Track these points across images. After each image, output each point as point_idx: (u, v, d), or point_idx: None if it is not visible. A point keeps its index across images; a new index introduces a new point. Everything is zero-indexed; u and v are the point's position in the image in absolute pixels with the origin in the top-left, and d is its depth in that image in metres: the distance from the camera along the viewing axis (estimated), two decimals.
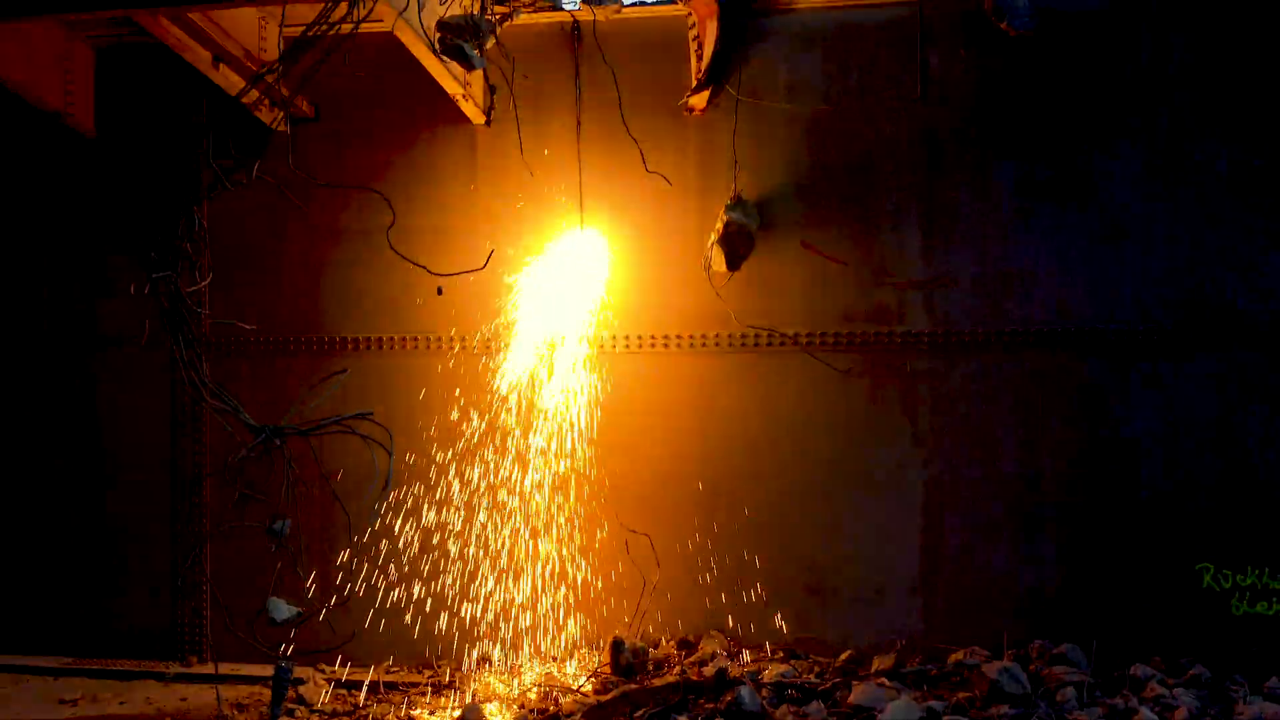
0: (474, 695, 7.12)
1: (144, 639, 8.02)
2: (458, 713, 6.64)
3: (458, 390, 7.65)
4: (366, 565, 7.42)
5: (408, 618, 7.60)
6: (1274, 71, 7.12)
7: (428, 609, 7.60)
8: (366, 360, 7.85)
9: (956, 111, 7.38)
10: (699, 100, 7.51)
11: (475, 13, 6.93)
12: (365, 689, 7.24)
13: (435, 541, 7.60)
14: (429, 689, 7.26)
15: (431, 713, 6.90)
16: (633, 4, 7.62)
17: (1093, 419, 7.26)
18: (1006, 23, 7.10)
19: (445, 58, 6.69)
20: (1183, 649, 7.08)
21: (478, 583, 7.59)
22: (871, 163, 7.48)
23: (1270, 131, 7.11)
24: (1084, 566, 7.23)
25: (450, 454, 7.61)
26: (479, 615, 7.58)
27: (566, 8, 7.63)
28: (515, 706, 6.86)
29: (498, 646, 7.57)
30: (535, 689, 7.10)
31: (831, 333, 7.50)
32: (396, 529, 7.52)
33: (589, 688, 7.00)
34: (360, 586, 7.23)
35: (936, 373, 7.43)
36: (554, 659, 7.51)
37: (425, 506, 7.60)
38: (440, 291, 6.47)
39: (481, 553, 7.60)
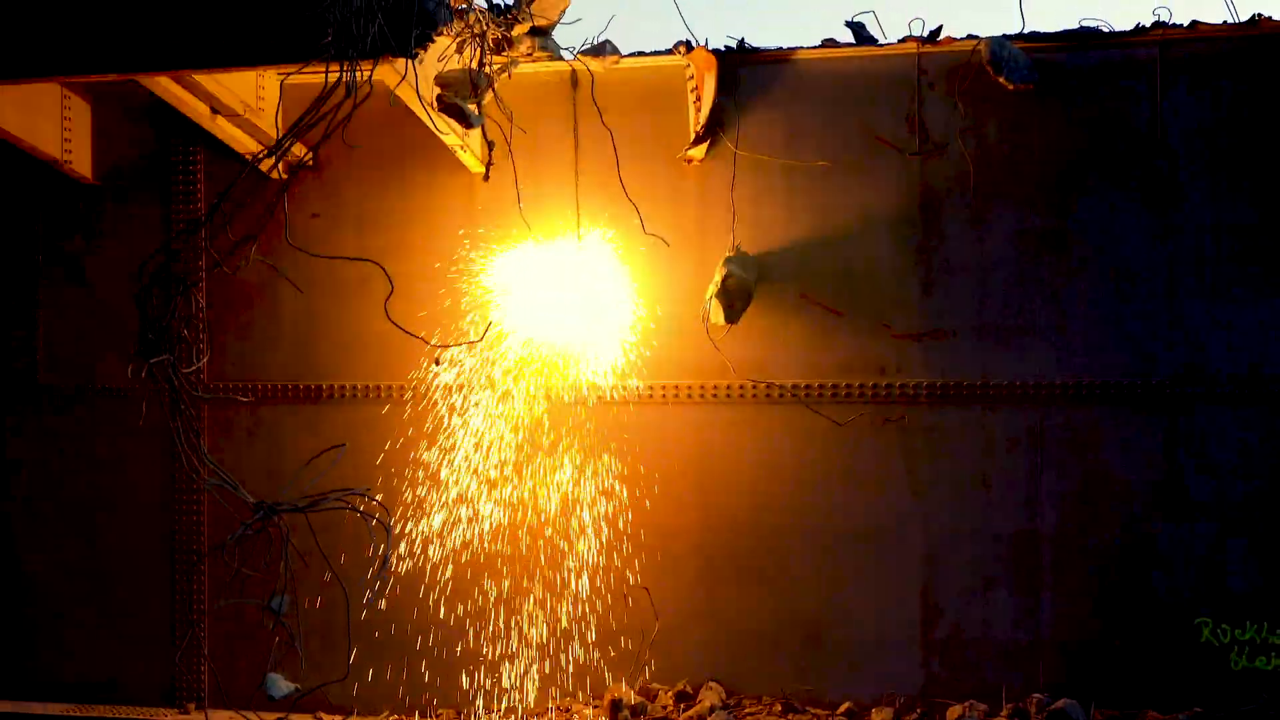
0: None
1: (143, 688, 8.02)
2: None
3: (450, 438, 7.66)
4: (367, 628, 7.41)
5: (407, 669, 7.61)
6: (1273, 130, 7.10)
7: (428, 660, 7.61)
8: (364, 408, 7.85)
9: (955, 163, 7.36)
10: (698, 152, 7.50)
11: (473, 68, 6.92)
12: None
13: (432, 594, 7.61)
14: None
15: None
16: (631, 54, 7.60)
17: (1091, 472, 7.25)
18: (1005, 77, 7.10)
19: (443, 115, 6.69)
20: (1181, 703, 7.08)
21: (477, 634, 7.60)
22: (870, 213, 7.47)
23: (1270, 190, 7.09)
24: (1082, 619, 7.23)
25: (445, 499, 7.62)
26: (478, 666, 7.59)
27: (565, 57, 7.61)
28: None
29: (496, 697, 7.58)
30: None
31: (830, 384, 7.49)
32: (393, 581, 7.52)
33: None
34: (360, 654, 7.22)
35: (935, 424, 7.42)
36: (555, 709, 7.51)
37: (420, 559, 7.61)
38: (438, 363, 6.46)
39: (478, 603, 7.60)
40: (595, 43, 7.52)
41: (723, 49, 7.47)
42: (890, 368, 7.47)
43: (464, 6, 6.65)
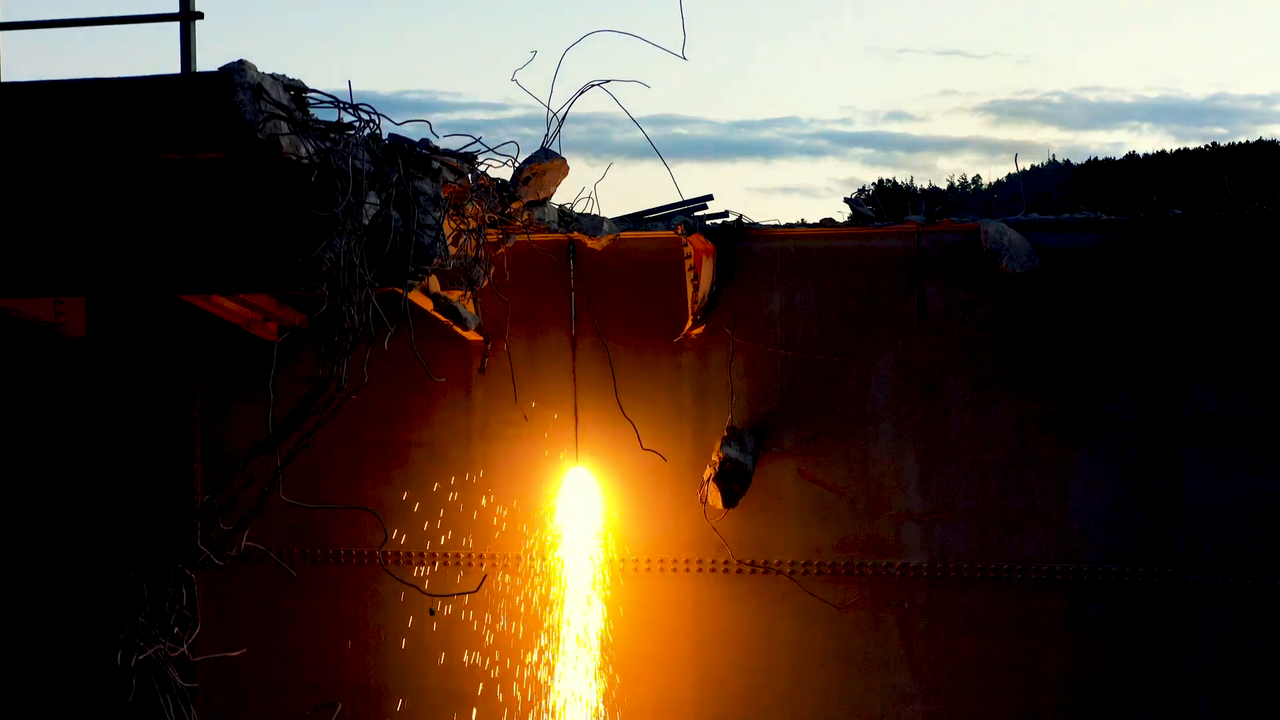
0: None
1: None
2: None
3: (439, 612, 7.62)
4: None
5: None
6: (1275, 318, 7.05)
7: None
8: (360, 573, 7.81)
9: (954, 344, 7.31)
10: (696, 330, 7.45)
11: (469, 256, 6.87)
12: None
13: None
14: None
15: None
16: (629, 228, 7.53)
17: (1092, 660, 7.20)
18: (1005, 264, 7.04)
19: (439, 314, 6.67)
20: None
21: None
22: (869, 392, 7.42)
23: (1268, 375, 7.04)
24: None
25: (444, 660, 7.59)
26: None
27: (565, 209, 7.49)
28: None
29: None
30: None
31: (829, 563, 7.44)
32: None
33: None
34: None
35: (934, 606, 7.36)
36: None
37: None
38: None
39: None
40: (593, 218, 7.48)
41: (720, 225, 7.41)
42: (889, 547, 7.41)
43: (460, 204, 6.61)
